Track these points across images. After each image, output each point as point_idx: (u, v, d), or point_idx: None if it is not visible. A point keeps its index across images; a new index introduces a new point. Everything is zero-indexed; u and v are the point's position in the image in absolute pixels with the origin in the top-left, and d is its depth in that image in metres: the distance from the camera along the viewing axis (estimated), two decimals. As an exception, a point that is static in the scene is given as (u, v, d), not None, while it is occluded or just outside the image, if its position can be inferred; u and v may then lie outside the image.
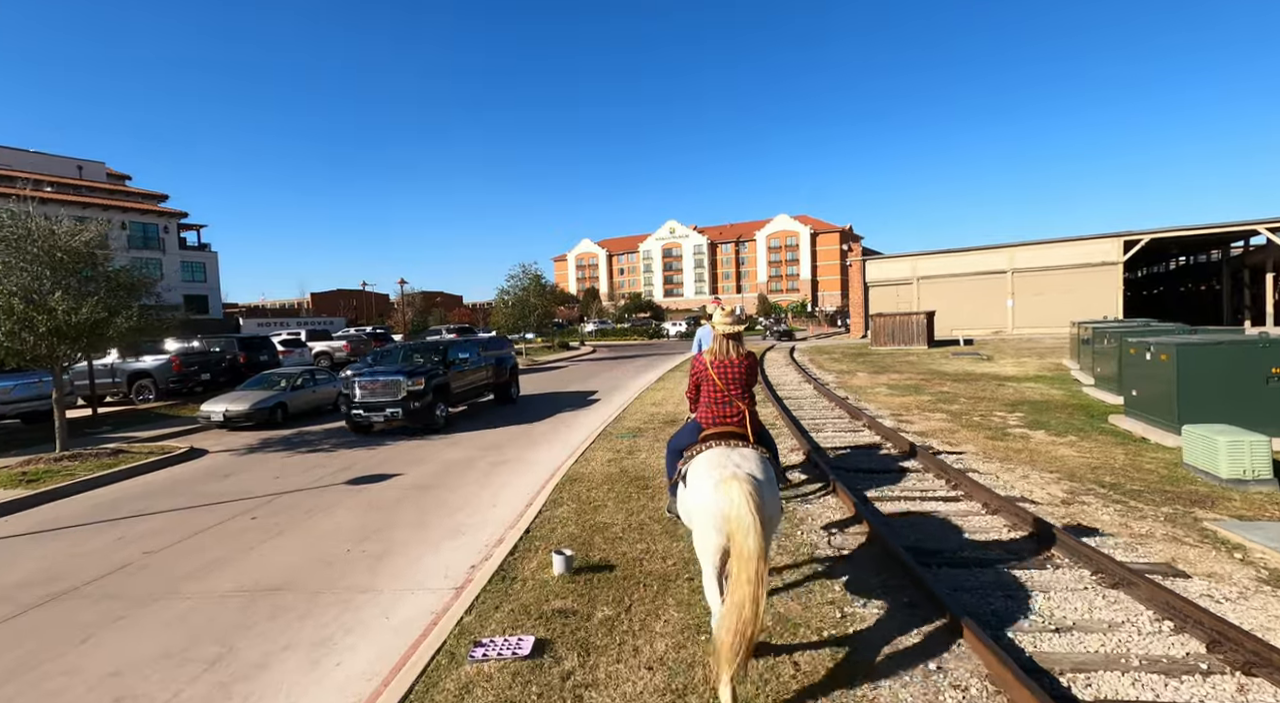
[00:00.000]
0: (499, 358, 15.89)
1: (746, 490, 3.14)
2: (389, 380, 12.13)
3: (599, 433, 11.09)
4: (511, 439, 11.51)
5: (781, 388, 16.65)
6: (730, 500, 3.14)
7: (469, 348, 14.61)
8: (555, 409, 15.13)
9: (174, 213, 51.66)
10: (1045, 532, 5.20)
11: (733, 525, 3.10)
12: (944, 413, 12.07)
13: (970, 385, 15.96)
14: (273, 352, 19.75)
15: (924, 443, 9.29)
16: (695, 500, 3.44)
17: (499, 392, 16.02)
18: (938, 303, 38.28)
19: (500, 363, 15.90)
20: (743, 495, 3.12)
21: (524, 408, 15.49)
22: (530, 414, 14.44)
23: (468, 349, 14.47)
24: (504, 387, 16.08)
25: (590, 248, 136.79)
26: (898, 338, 32.12)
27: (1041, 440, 9.33)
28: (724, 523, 3.17)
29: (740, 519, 3.07)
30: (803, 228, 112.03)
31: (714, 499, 3.26)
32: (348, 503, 7.64)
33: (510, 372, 16.34)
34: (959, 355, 24.77)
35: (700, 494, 3.39)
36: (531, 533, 5.96)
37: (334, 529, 6.70)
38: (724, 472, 3.32)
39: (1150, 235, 34.72)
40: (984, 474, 7.45)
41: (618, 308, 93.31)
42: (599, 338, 57.79)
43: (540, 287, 32.84)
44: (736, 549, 3.08)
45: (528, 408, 15.49)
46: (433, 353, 13.90)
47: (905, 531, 5.60)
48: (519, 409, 15.38)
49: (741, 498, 3.11)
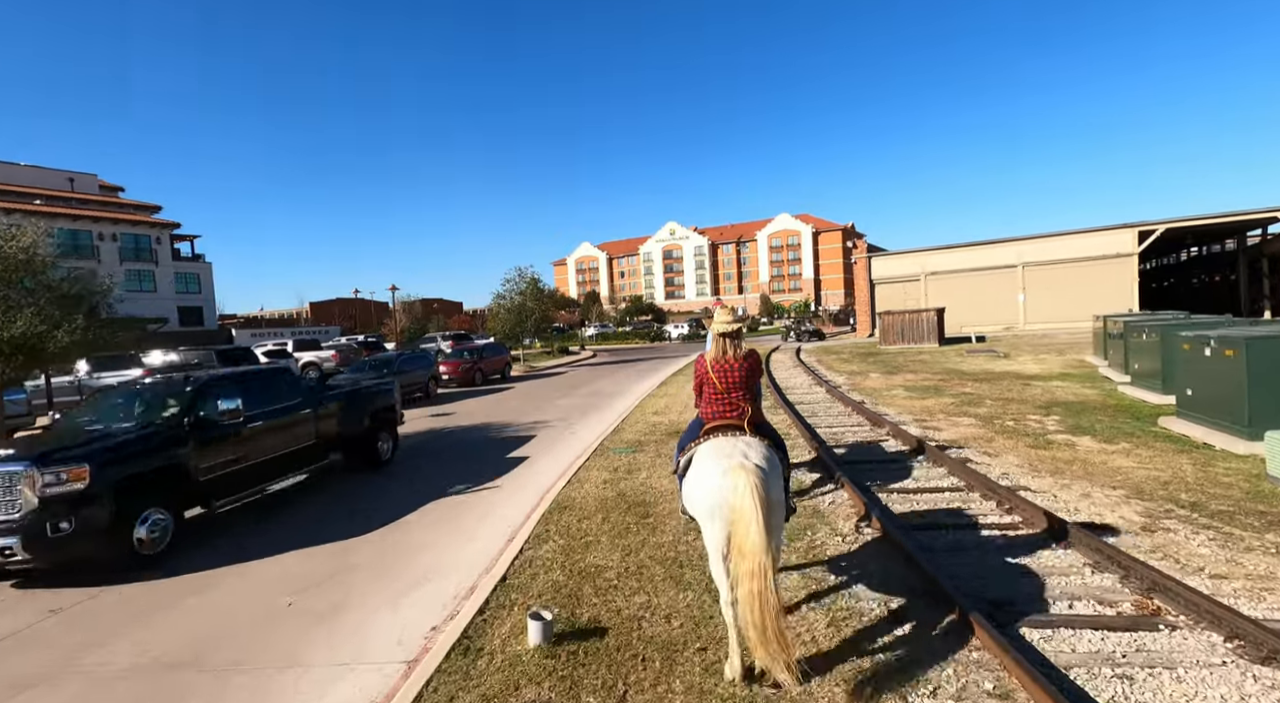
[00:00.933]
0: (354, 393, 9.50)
1: (751, 480, 3.05)
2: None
3: (594, 448, 10.09)
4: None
5: (792, 392, 15.64)
6: (735, 489, 3.07)
7: (263, 383, 7.98)
8: (538, 429, 14.15)
9: (166, 223, 50.92)
10: (1140, 575, 4.18)
11: (735, 516, 3.03)
12: (972, 417, 11.04)
13: (993, 386, 14.92)
14: (255, 364, 18.80)
15: (959, 453, 8.26)
16: (699, 488, 3.37)
17: (352, 452, 9.48)
18: (946, 299, 37.20)
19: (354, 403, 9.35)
20: (747, 485, 3.03)
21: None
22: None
23: (262, 385, 7.90)
24: (360, 443, 9.49)
25: (590, 251, 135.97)
26: (907, 336, 31.07)
27: (1091, 449, 8.29)
28: (728, 512, 3.11)
29: (743, 508, 2.99)
30: (804, 227, 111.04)
31: (717, 487, 3.20)
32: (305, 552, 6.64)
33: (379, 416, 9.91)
34: (974, 353, 23.71)
35: (704, 482, 3.32)
36: (509, 581, 4.95)
37: (282, 574, 5.71)
38: (730, 460, 3.24)
39: (1166, 225, 33.64)
40: (1038, 493, 6.42)
41: (618, 311, 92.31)
42: (599, 342, 56.81)
43: (538, 290, 31.90)
44: (738, 543, 2.99)
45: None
46: (169, 396, 7.09)
47: (972, 580, 4.54)
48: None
49: (745, 488, 3.02)
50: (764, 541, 2.94)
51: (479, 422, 14.48)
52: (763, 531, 2.95)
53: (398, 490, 8.53)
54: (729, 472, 3.16)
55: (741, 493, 3.03)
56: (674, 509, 6.45)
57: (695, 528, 5.75)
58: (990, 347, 26.13)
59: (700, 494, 3.34)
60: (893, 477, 7.34)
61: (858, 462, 8.06)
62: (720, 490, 3.16)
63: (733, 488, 3.08)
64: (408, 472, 9.67)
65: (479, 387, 23.31)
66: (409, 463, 10.36)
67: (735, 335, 3.84)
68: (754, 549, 2.92)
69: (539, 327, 31.32)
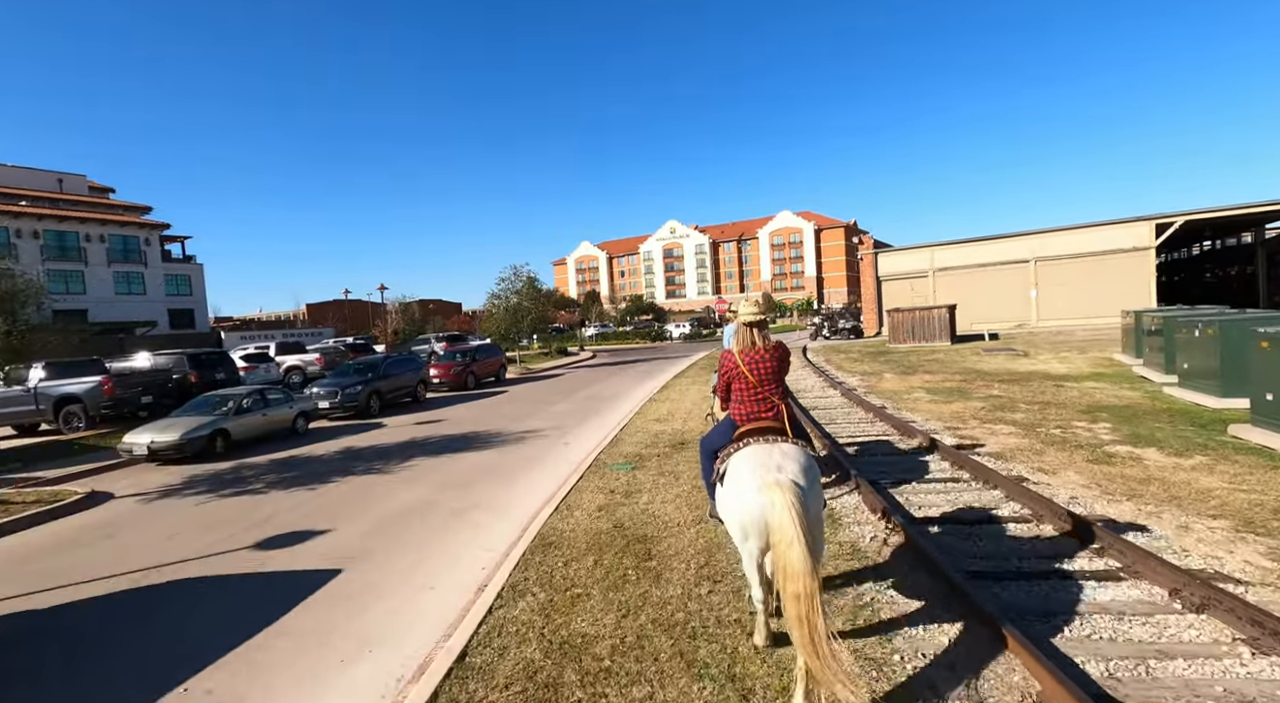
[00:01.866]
0: None
1: (790, 500, 2.95)
2: None
3: (590, 463, 8.96)
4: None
5: (804, 395, 14.49)
6: (773, 508, 2.98)
7: None
8: (529, 435, 13.00)
9: (156, 224, 49.80)
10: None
11: (775, 536, 2.95)
12: (1010, 424, 9.90)
13: (1022, 387, 13.77)
14: (232, 369, 17.67)
15: (1009, 469, 7.12)
16: (735, 504, 3.26)
17: None
18: (955, 296, 36.00)
19: None
20: (785, 505, 2.93)
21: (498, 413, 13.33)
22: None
23: None
24: None
25: (590, 250, 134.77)
26: (918, 334, 29.89)
27: (1163, 464, 7.14)
28: (765, 531, 3.05)
29: (783, 530, 2.90)
30: (806, 224, 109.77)
31: (755, 504, 3.11)
32: (234, 590, 5.51)
33: None
34: (992, 352, 22.54)
35: (741, 498, 3.22)
36: (469, 660, 3.81)
37: (182, 643, 4.58)
38: (767, 476, 3.12)
39: (1185, 218, 32.46)
40: (1126, 527, 5.28)
41: (619, 311, 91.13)
42: (600, 342, 55.64)
43: (535, 289, 30.74)
44: (780, 563, 2.91)
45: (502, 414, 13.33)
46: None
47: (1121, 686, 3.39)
48: None
49: (785, 507, 2.93)
50: (808, 563, 2.82)
51: (465, 430, 13.35)
52: (805, 552, 2.83)
53: (353, 516, 7.40)
54: (764, 488, 3.05)
55: (780, 512, 2.93)
56: (681, 548, 5.33)
57: (710, 575, 4.62)
58: (1007, 345, 24.96)
59: (736, 510, 3.24)
60: (931, 498, 6.19)
61: (901, 479, 6.92)
62: (758, 508, 3.07)
63: (770, 506, 2.98)
64: (375, 490, 8.54)
65: (471, 391, 22.19)
66: (378, 479, 9.23)
67: (762, 325, 3.70)
68: (798, 571, 2.81)
69: (535, 327, 30.18)
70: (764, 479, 3.09)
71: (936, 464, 7.63)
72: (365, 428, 14.94)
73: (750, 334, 3.67)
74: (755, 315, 3.69)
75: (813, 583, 2.81)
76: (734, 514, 3.27)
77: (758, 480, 3.12)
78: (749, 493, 3.14)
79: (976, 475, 6.87)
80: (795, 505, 2.94)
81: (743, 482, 3.22)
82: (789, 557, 2.84)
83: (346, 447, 12.36)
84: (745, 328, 3.69)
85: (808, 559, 2.83)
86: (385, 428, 14.84)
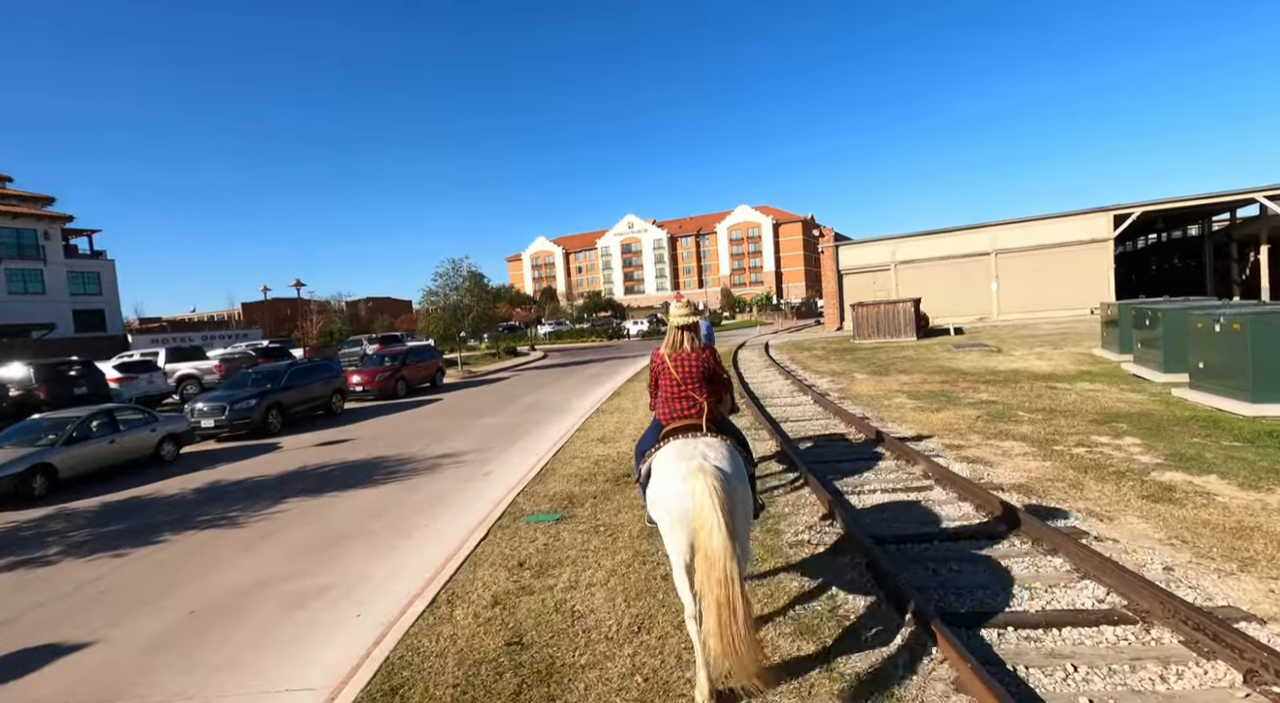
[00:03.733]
0: None
1: (711, 484, 2.96)
2: None
3: (505, 507, 6.85)
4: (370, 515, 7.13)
5: (772, 402, 12.69)
6: (694, 495, 2.99)
7: None
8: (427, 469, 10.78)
9: (57, 216, 44.91)
10: None
11: (696, 522, 2.95)
12: (1018, 440, 8.25)
13: (1012, 390, 12.28)
14: (98, 381, 14.78)
15: (1054, 519, 5.36)
16: (660, 495, 3.28)
17: None
18: (917, 289, 35.05)
19: None
20: (706, 489, 2.94)
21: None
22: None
23: None
24: None
25: (546, 246, 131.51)
26: (883, 330, 28.64)
27: (1244, 504, 5.48)
28: (688, 519, 3.03)
29: (703, 513, 2.92)
30: (764, 219, 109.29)
31: (678, 493, 3.11)
32: None
33: None
34: (963, 348, 21.31)
35: (665, 489, 3.23)
36: None
37: None
38: (690, 464, 3.13)
39: (1142, 208, 32.24)
40: (1257, 620, 3.51)
41: (576, 308, 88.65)
42: (553, 341, 53.21)
43: (479, 285, 28.17)
44: (701, 548, 2.91)
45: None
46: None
47: None
48: None
49: (705, 492, 2.94)
50: (728, 545, 2.83)
51: (371, 454, 11.04)
52: (725, 535, 2.84)
53: (147, 610, 5.12)
54: (688, 476, 3.07)
55: (701, 497, 2.94)
56: (609, 689, 3.30)
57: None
58: (976, 340, 23.84)
59: (661, 502, 3.24)
60: (971, 572, 4.34)
61: (921, 540, 5.05)
62: (680, 497, 3.08)
63: (692, 493, 3.00)
64: (206, 554, 6.24)
65: (401, 399, 19.71)
66: (222, 535, 6.90)
67: (693, 328, 3.81)
68: (718, 555, 2.82)
69: (478, 326, 27.67)
70: (687, 468, 3.11)
71: (956, 508, 5.80)
72: (254, 451, 12.44)
73: (679, 336, 3.77)
74: (685, 317, 3.79)
75: (734, 567, 2.81)
76: (660, 507, 3.27)
77: (681, 470, 3.15)
78: (673, 483, 3.16)
79: (1016, 528, 5.06)
80: (717, 488, 2.95)
81: (667, 474, 3.26)
82: (711, 544, 2.85)
83: (213, 481, 9.91)
84: (675, 331, 3.79)
85: (729, 544, 2.83)
86: (279, 450, 12.38)
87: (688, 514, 3.01)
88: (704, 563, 2.87)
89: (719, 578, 2.79)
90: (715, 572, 2.80)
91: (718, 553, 2.81)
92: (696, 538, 2.94)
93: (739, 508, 3.10)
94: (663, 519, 3.24)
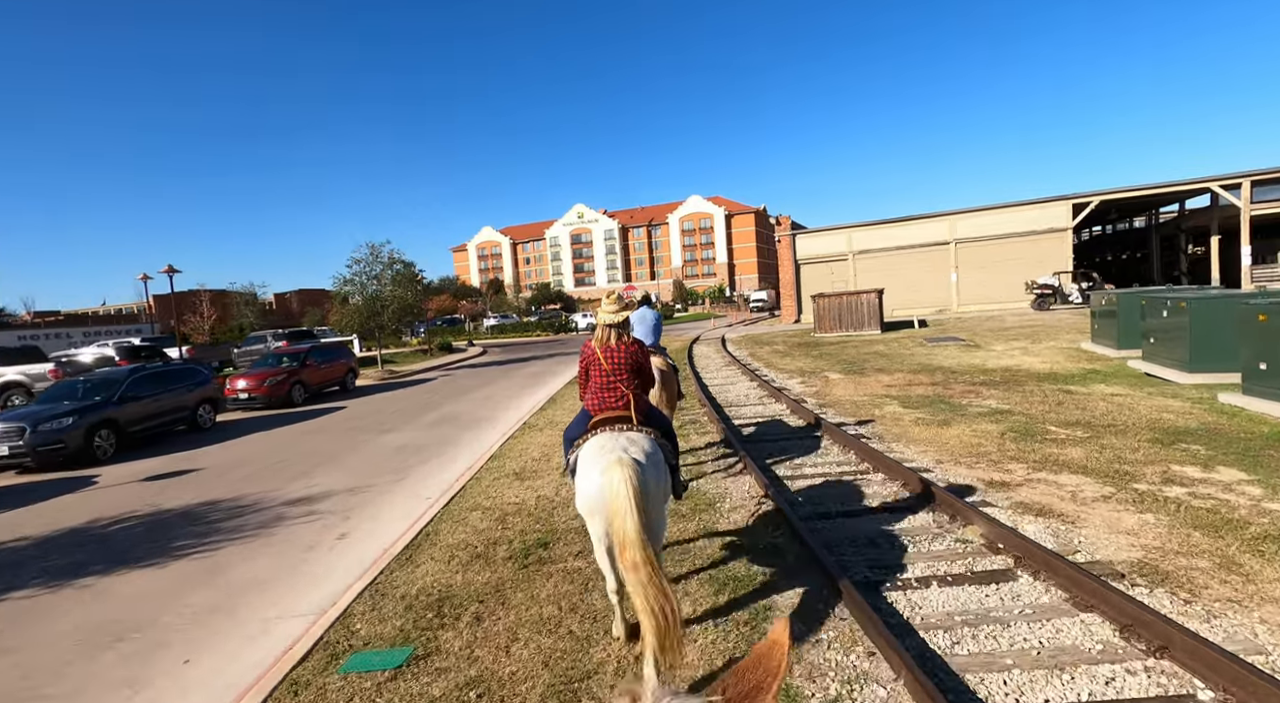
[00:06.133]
0: None
1: (626, 474, 3.06)
2: None
3: (320, 636, 4.14)
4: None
5: (738, 411, 10.29)
6: (610, 485, 3.08)
7: None
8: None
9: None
10: None
11: (610, 509, 3.06)
12: (1078, 473, 6.09)
13: (1020, 394, 10.28)
14: None
15: (1199, 609, 3.08)
16: (581, 487, 3.40)
17: None
18: (875, 280, 33.60)
19: None
20: (622, 479, 3.04)
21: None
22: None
23: None
24: None
25: (492, 236, 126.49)
26: (845, 322, 26.81)
27: None
28: (603, 507, 3.17)
29: (616, 502, 3.02)
30: (717, 209, 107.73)
31: (595, 485, 3.23)
32: None
33: None
34: (936, 342, 19.54)
35: (586, 481, 3.35)
36: None
37: None
38: (610, 457, 3.22)
39: (1101, 197, 31.54)
40: None
41: (523, 300, 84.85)
42: (496, 335, 49.86)
43: (408, 274, 24.79)
44: (616, 535, 3.01)
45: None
46: None
47: None
48: None
49: (621, 481, 3.04)
50: (640, 534, 2.94)
51: (201, 499, 8.04)
52: (637, 523, 2.95)
53: None
54: (607, 468, 3.15)
55: (616, 487, 3.03)
56: None
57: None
58: (945, 333, 22.19)
59: (582, 493, 3.37)
60: None
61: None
62: (599, 488, 3.18)
63: (608, 484, 3.09)
64: None
65: (297, 408, 16.50)
66: None
67: (623, 325, 3.82)
68: (631, 541, 2.92)
69: (400, 319, 24.35)
70: (607, 460, 3.20)
71: (1085, 634, 3.42)
72: (50, 490, 9.25)
73: (608, 333, 3.80)
74: (616, 316, 3.81)
75: (646, 552, 2.90)
76: (581, 498, 3.39)
77: (601, 463, 3.23)
78: (593, 475, 3.26)
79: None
80: (631, 480, 3.04)
81: (588, 467, 3.36)
82: (624, 528, 2.94)
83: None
84: (605, 328, 3.81)
85: (640, 531, 2.93)
86: (87, 489, 9.23)
87: (601, 502, 3.18)
88: (619, 549, 3.00)
89: (634, 561, 2.89)
90: (629, 556, 2.91)
91: (630, 540, 2.93)
92: (611, 524, 3.07)
93: (653, 497, 3.24)
94: (583, 510, 3.43)
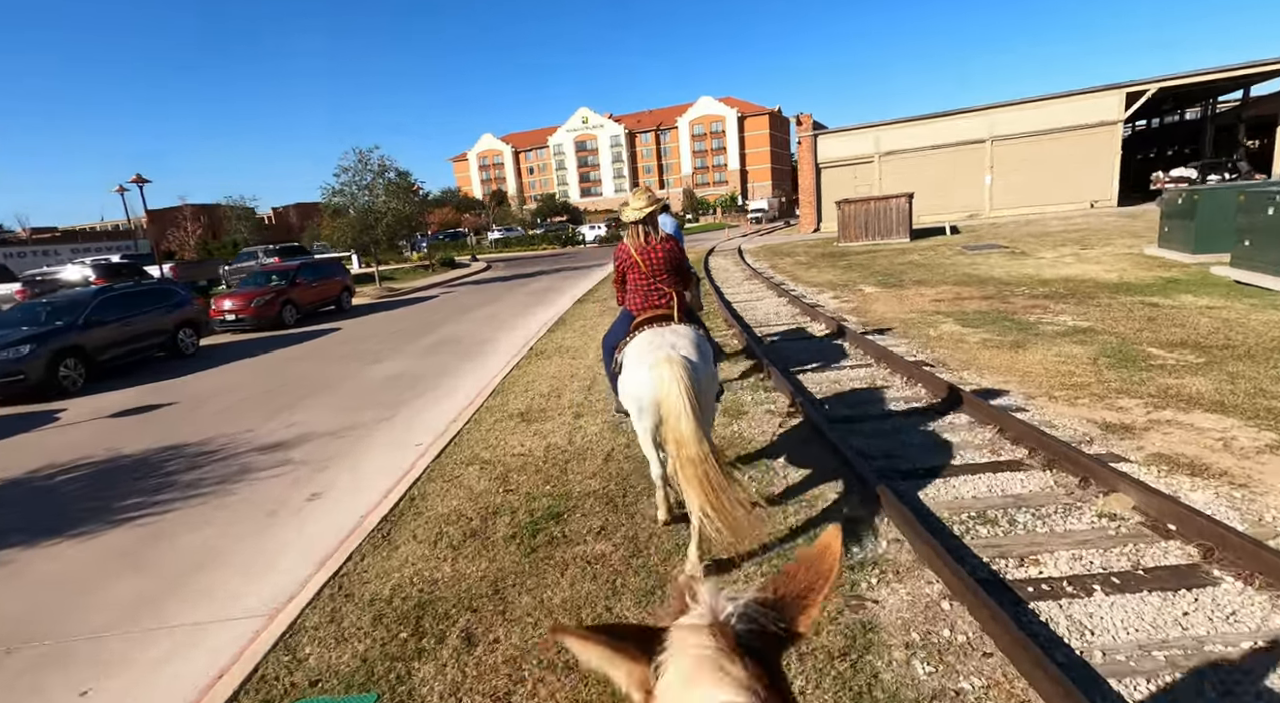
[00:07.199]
0: None
1: (678, 372, 3.03)
2: None
3: (254, 666, 3.15)
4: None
5: (766, 331, 9.03)
6: (662, 381, 3.05)
7: None
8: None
9: None
10: None
11: (665, 409, 3.04)
12: (1222, 412, 4.89)
13: (1098, 309, 8.94)
14: None
15: None
16: (630, 385, 3.36)
17: None
18: (901, 184, 31.02)
19: None
20: (673, 377, 3.02)
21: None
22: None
23: None
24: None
25: (494, 144, 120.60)
26: (872, 231, 24.85)
27: None
28: (655, 407, 3.15)
29: (670, 400, 3.00)
30: (729, 111, 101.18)
31: (647, 380, 3.18)
32: None
33: None
34: (976, 250, 17.88)
35: (635, 377, 3.31)
36: None
37: None
38: (659, 353, 3.18)
39: (1159, 84, 28.33)
40: None
41: (528, 213, 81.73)
42: (501, 249, 48.00)
43: (403, 185, 22.84)
44: (672, 434, 3.02)
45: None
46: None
47: None
48: None
49: (672, 379, 3.01)
50: (696, 431, 2.94)
51: (166, 442, 7.05)
52: (693, 421, 2.94)
53: None
54: (656, 364, 3.11)
55: (669, 384, 3.00)
56: None
57: None
58: (983, 240, 20.40)
59: (631, 390, 3.34)
60: None
61: None
62: (648, 384, 3.15)
63: (660, 380, 3.06)
64: None
65: (289, 330, 15.44)
66: None
67: (649, 221, 3.69)
68: (687, 439, 2.93)
69: (396, 233, 22.73)
70: (656, 357, 3.16)
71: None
72: (13, 426, 8.34)
73: (640, 230, 3.68)
74: (643, 211, 3.64)
75: (703, 447, 2.92)
76: (630, 395, 3.35)
77: (650, 359, 3.19)
78: (642, 371, 3.22)
79: None
80: (684, 378, 3.01)
81: (634, 364, 3.32)
82: (679, 428, 2.95)
83: None
84: (634, 226, 3.69)
85: (696, 428, 2.93)
86: (47, 426, 8.32)
87: (654, 402, 3.12)
88: (674, 445, 2.99)
89: (691, 457, 2.90)
90: (686, 452, 2.91)
91: (685, 436, 2.92)
92: (665, 424, 3.05)
93: (705, 394, 3.22)
94: (631, 407, 3.38)
